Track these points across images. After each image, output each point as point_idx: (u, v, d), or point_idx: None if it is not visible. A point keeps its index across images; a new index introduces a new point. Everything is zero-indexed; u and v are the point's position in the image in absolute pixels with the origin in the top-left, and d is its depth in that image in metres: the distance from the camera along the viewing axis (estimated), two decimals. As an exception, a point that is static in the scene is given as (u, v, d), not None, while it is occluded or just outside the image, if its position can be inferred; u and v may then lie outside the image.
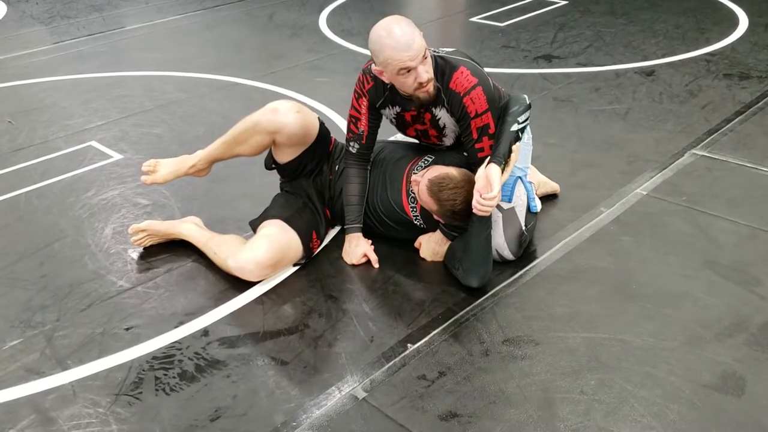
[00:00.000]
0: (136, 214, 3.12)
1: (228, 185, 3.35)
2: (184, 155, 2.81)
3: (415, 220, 2.71)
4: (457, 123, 2.60)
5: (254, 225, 2.77)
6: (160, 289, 2.63)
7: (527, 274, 2.62)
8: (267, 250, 2.57)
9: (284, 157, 2.77)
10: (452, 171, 2.52)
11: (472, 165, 2.58)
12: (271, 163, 2.85)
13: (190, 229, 2.83)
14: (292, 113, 2.62)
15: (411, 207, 2.69)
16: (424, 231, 2.75)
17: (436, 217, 2.61)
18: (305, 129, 2.69)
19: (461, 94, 2.49)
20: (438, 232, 2.69)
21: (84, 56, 5.44)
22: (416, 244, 2.76)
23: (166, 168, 2.77)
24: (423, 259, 2.72)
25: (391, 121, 2.77)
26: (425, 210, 2.64)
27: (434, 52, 2.55)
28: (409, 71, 2.40)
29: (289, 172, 2.83)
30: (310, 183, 2.84)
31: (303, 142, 2.72)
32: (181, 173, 2.78)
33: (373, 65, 2.52)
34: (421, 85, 2.44)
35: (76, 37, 5.97)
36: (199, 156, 2.78)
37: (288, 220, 2.69)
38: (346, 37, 5.65)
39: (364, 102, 2.68)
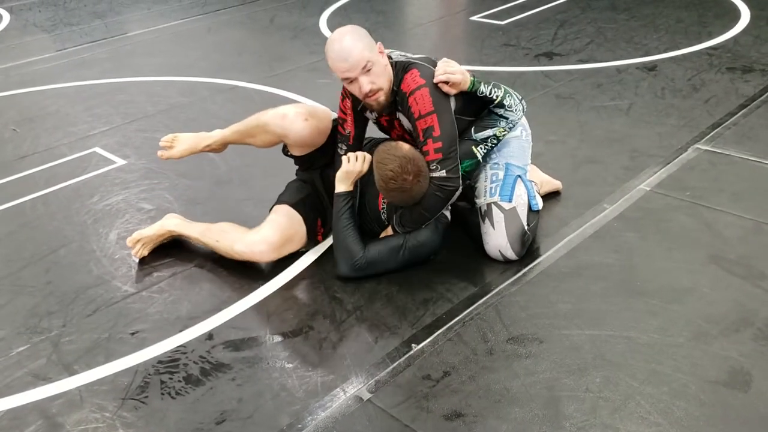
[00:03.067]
0: (140, 219, 3.13)
1: (231, 189, 3.35)
2: (203, 132, 2.91)
3: (382, 213, 2.73)
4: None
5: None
6: (164, 293, 2.63)
7: (531, 272, 2.62)
8: (275, 230, 2.67)
9: (296, 152, 2.86)
10: (403, 144, 2.53)
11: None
12: (287, 151, 2.91)
13: (179, 224, 2.87)
14: (299, 121, 2.66)
15: (383, 200, 2.71)
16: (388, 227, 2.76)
17: (381, 197, 2.64)
18: (313, 136, 2.74)
19: (407, 94, 2.51)
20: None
21: (87, 63, 5.46)
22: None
23: (183, 144, 2.86)
24: (426, 260, 2.72)
25: (376, 125, 2.80)
26: (390, 205, 2.66)
27: (403, 57, 2.57)
28: (351, 81, 2.46)
29: (302, 163, 2.91)
30: (319, 176, 2.89)
31: (312, 144, 2.78)
32: (197, 150, 2.89)
33: None
34: (366, 95, 2.47)
35: (79, 44, 5.99)
36: (215, 138, 2.88)
37: (295, 206, 2.77)
38: (348, 39, 5.64)
39: (348, 103, 2.70)
